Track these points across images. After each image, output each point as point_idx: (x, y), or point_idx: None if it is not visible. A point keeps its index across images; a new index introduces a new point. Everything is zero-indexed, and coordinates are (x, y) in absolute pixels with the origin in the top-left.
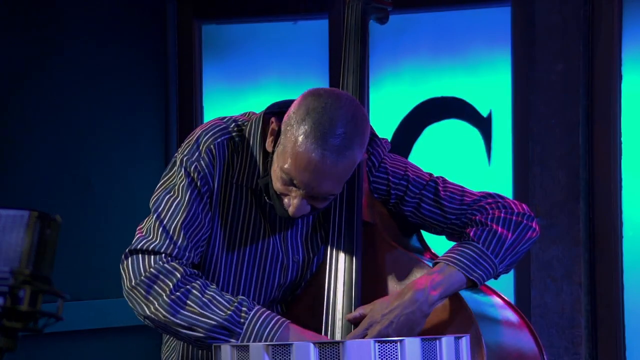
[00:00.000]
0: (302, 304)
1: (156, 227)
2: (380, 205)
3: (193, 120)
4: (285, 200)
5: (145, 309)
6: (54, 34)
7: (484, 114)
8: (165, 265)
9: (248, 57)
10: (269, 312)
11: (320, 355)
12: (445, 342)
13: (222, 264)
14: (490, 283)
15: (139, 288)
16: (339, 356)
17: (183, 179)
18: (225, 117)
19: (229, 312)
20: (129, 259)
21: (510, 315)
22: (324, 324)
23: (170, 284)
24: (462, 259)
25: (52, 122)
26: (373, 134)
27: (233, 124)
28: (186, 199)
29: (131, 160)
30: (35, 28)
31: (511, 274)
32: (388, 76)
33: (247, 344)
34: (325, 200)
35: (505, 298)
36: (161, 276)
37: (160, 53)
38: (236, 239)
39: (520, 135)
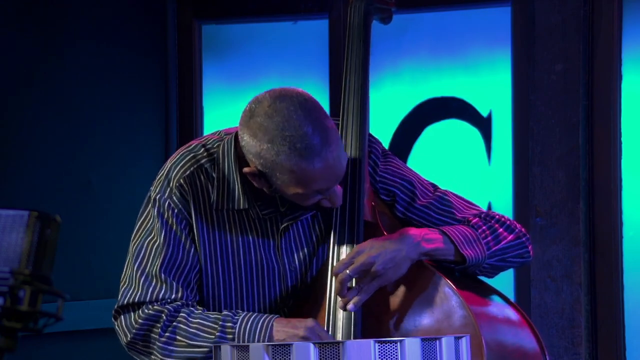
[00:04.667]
0: (305, 305)
1: (137, 277)
2: (382, 205)
3: (193, 120)
4: (323, 202)
5: None
6: (53, 34)
7: (484, 114)
8: (150, 311)
9: (248, 57)
10: (254, 316)
11: (320, 355)
12: (445, 342)
13: (222, 291)
14: (490, 282)
15: (136, 343)
16: (339, 356)
17: (157, 220)
18: (194, 142)
19: (217, 333)
20: (120, 317)
21: (511, 313)
22: (325, 325)
23: (159, 327)
24: (458, 233)
25: (52, 122)
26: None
27: (202, 150)
28: (162, 240)
29: (131, 160)
30: (35, 28)
31: (511, 273)
32: (388, 76)
33: (247, 344)
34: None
35: (506, 296)
36: (150, 323)
37: (160, 53)
38: (230, 264)
39: (520, 135)
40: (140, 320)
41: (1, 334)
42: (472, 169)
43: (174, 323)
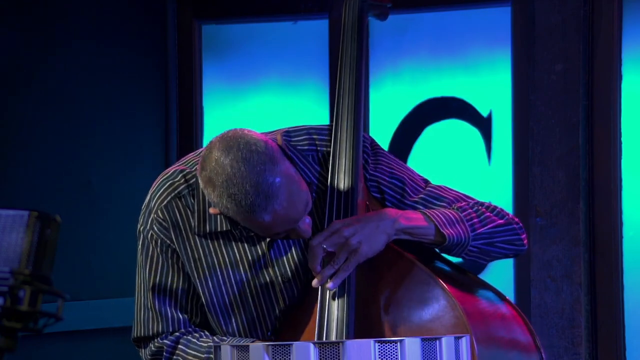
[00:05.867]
0: (297, 309)
1: (138, 310)
2: (376, 204)
3: (193, 120)
4: (292, 236)
5: None
6: (53, 34)
7: (484, 114)
8: (153, 348)
9: (248, 57)
10: (235, 342)
11: (320, 355)
12: (445, 342)
13: (219, 314)
14: (486, 279)
15: None
16: (339, 356)
17: (143, 251)
18: (172, 168)
19: None
20: (139, 349)
21: (503, 309)
22: (317, 326)
23: None
24: (440, 214)
25: (52, 122)
26: None
27: (180, 176)
28: (148, 271)
29: (131, 160)
30: (34, 28)
31: (511, 273)
32: (388, 76)
33: (247, 344)
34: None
35: (499, 291)
36: (156, 358)
37: (160, 53)
38: (221, 286)
39: (520, 135)
40: (149, 357)
41: (1, 334)
42: (472, 169)
43: (174, 357)
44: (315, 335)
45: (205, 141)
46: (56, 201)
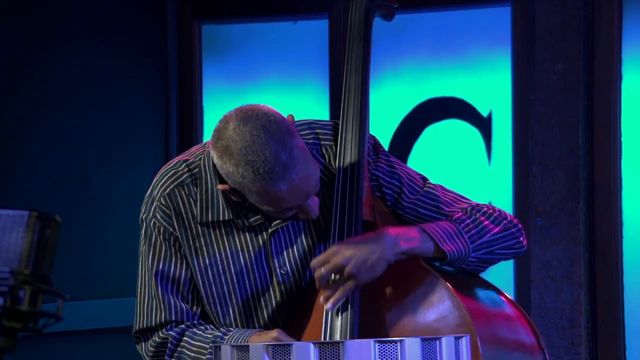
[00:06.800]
0: (301, 309)
1: (141, 300)
2: (381, 204)
3: (193, 120)
4: (299, 215)
5: None
6: (53, 33)
7: (484, 114)
8: (157, 339)
9: (248, 57)
10: (238, 333)
11: (320, 355)
12: (445, 342)
13: (217, 304)
14: (488, 279)
15: None
16: (339, 356)
17: (146, 240)
18: (176, 159)
19: (207, 355)
20: (138, 344)
21: (508, 309)
22: (323, 325)
23: (166, 353)
24: (438, 229)
25: (52, 121)
26: None
27: (183, 166)
28: (151, 259)
29: (131, 160)
30: (34, 27)
31: (511, 273)
32: (388, 76)
33: (247, 344)
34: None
35: (503, 292)
36: (158, 350)
37: (160, 53)
38: (221, 275)
39: (520, 135)
40: (151, 349)
41: (1, 334)
42: (472, 169)
43: (179, 349)
44: (322, 336)
45: (206, 141)
46: (56, 201)
